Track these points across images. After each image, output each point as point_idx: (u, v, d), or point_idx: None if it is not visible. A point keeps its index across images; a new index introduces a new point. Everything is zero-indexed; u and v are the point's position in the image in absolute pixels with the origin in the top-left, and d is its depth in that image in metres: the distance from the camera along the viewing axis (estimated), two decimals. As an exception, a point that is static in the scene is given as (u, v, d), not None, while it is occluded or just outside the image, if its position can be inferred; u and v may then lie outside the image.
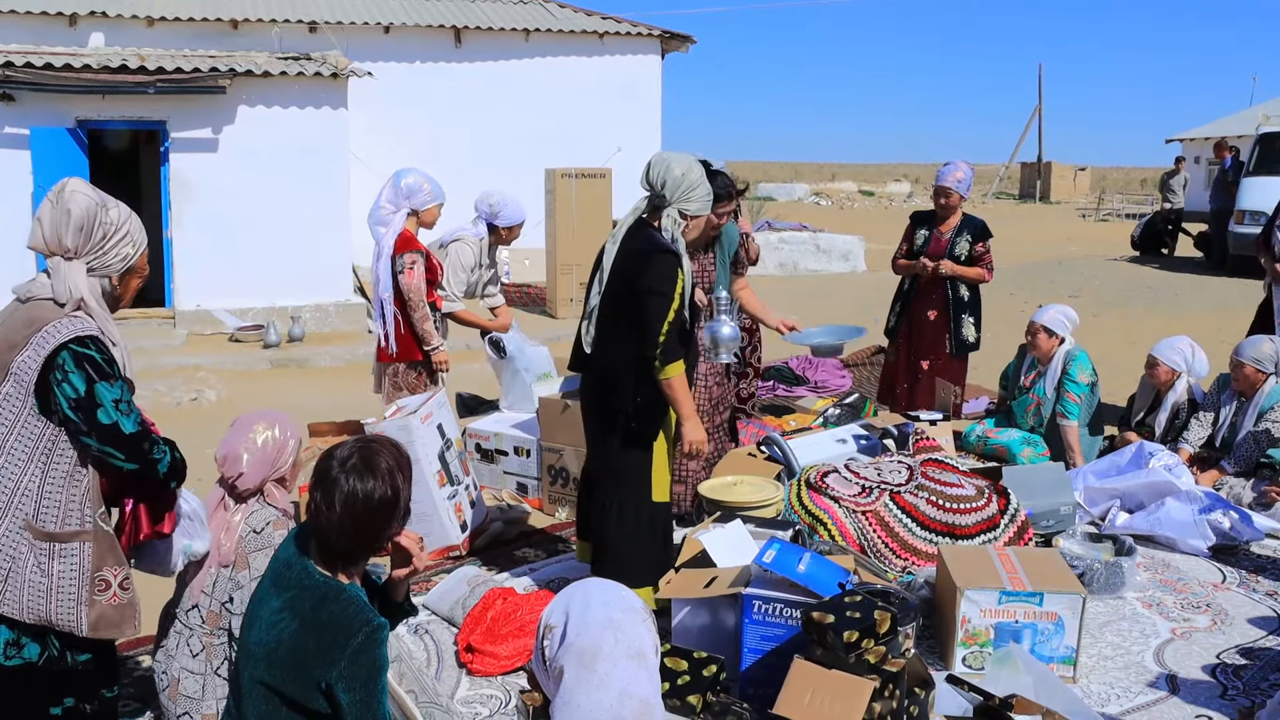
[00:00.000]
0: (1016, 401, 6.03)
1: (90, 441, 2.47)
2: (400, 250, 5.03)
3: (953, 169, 6.21)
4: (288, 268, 10.97)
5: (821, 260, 17.18)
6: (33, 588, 2.49)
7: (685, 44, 14.93)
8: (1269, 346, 5.46)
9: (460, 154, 13.30)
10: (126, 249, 2.59)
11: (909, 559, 4.24)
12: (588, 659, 2.08)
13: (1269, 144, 15.21)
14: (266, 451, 3.02)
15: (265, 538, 2.90)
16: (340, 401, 7.49)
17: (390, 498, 2.34)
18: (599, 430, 3.93)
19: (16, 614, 2.49)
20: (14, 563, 2.48)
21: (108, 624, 2.56)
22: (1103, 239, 22.66)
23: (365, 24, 13.14)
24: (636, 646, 2.13)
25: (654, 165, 3.78)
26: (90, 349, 2.47)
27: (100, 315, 2.54)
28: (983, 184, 42.23)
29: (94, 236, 2.52)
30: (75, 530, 2.52)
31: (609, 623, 2.13)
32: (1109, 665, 3.71)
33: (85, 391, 2.44)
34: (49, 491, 2.50)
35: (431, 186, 5.16)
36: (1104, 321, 11.47)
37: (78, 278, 2.50)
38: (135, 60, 10.72)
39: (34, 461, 2.48)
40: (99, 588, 2.54)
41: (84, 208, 2.51)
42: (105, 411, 2.45)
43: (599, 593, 2.21)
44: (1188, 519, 4.75)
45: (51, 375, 2.45)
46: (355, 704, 2.25)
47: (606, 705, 2.05)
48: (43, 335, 2.45)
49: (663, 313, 3.64)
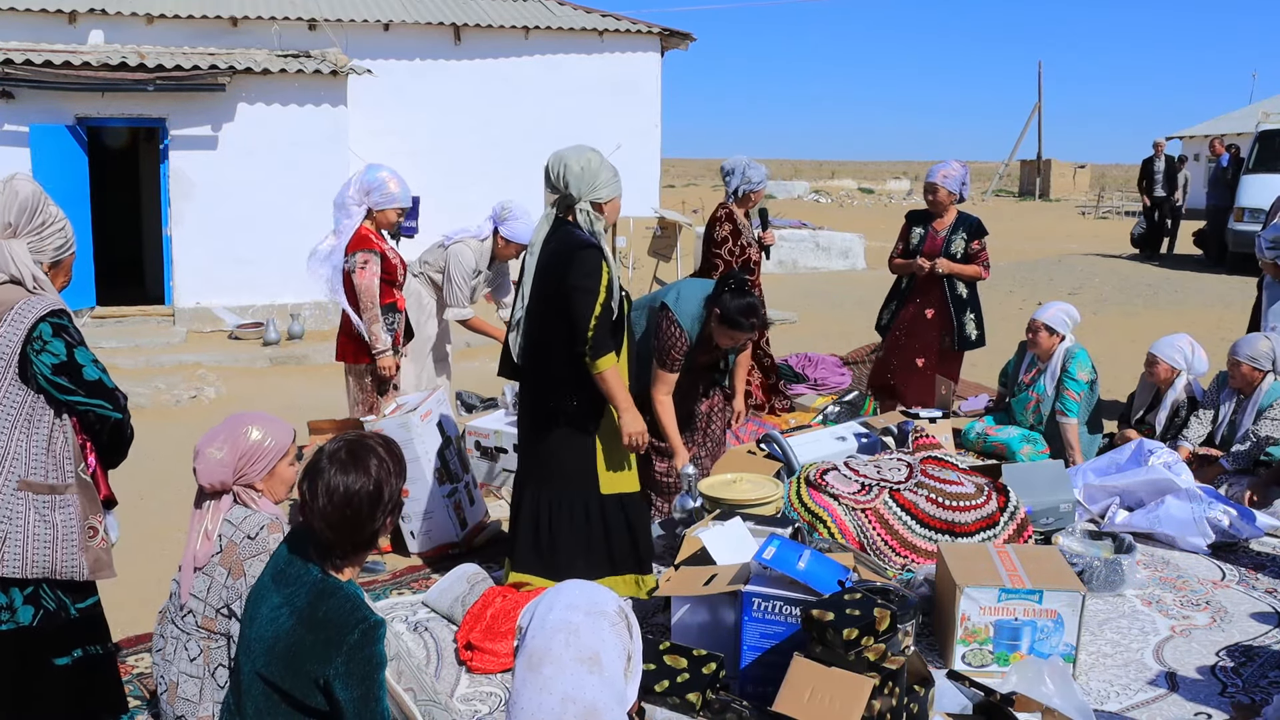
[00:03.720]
0: (1016, 398, 6.03)
1: (78, 399, 2.75)
2: (353, 249, 4.92)
3: (942, 166, 6.22)
4: (287, 265, 10.92)
5: (821, 258, 17.18)
6: (37, 541, 2.73)
7: (685, 41, 14.90)
8: (1265, 344, 5.46)
9: (460, 151, 13.29)
10: (59, 240, 2.85)
11: (909, 556, 4.24)
12: (535, 660, 2.07)
13: (1269, 141, 15.21)
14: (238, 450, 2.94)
15: (260, 543, 2.87)
16: (340, 399, 7.45)
17: (373, 492, 2.35)
18: (537, 434, 3.98)
19: (18, 572, 2.71)
20: (10, 523, 2.71)
21: (100, 566, 2.84)
22: (1102, 236, 22.66)
23: (365, 21, 13.12)
24: (590, 651, 2.09)
25: (552, 166, 3.82)
26: (63, 319, 2.74)
27: (53, 290, 2.80)
28: (982, 181, 42.20)
29: (35, 220, 2.79)
30: (68, 483, 2.78)
31: (565, 625, 2.10)
32: (1108, 663, 3.71)
33: (67, 357, 2.73)
34: (35, 452, 2.74)
35: (398, 189, 5.02)
36: (1103, 319, 11.47)
37: (24, 255, 2.75)
38: (135, 58, 10.71)
39: (17, 427, 2.72)
40: (89, 534, 2.82)
41: (30, 192, 2.79)
42: (88, 369, 2.76)
43: (567, 595, 2.19)
44: (1187, 516, 4.75)
45: (29, 347, 2.70)
46: (353, 700, 2.25)
47: (549, 708, 2.03)
48: (17, 311, 2.69)
49: (589, 307, 3.71)
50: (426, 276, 5.69)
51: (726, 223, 6.33)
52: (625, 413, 3.84)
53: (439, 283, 5.65)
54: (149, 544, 4.91)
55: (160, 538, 4.99)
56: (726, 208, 6.39)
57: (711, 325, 4.57)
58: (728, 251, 6.29)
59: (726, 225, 6.32)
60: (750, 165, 6.35)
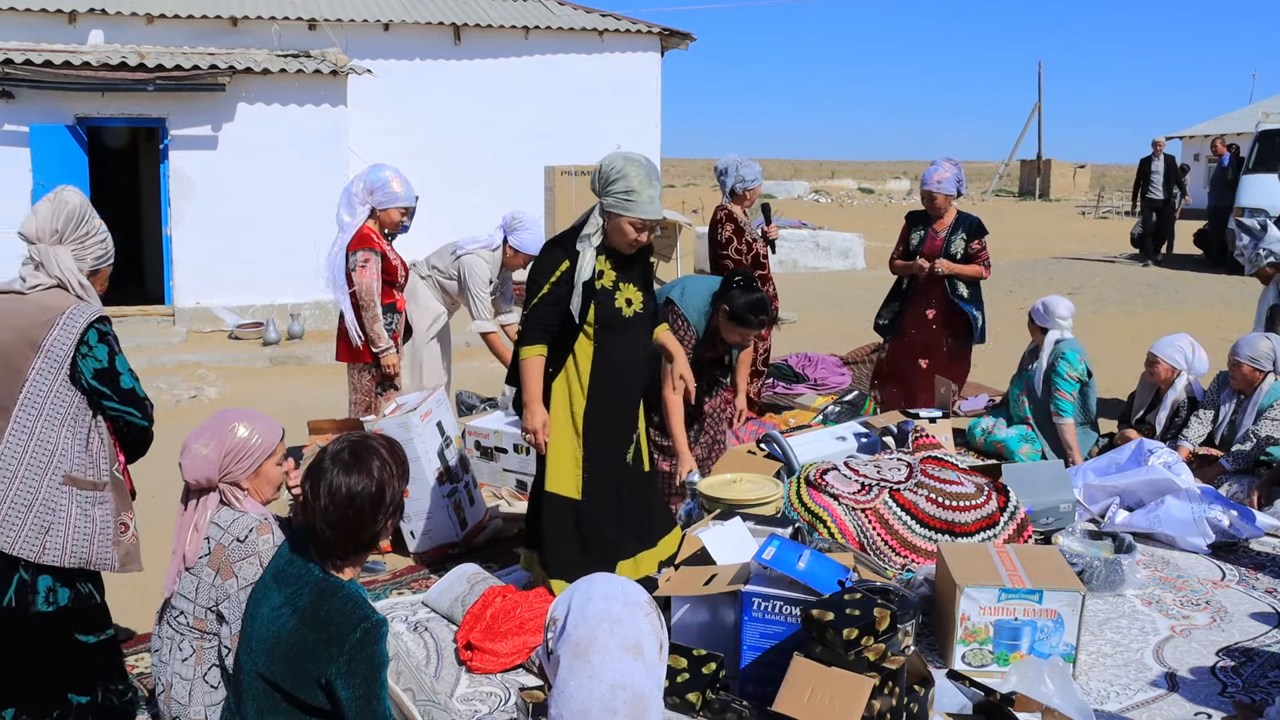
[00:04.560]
0: (1011, 388, 6.06)
1: (112, 404, 2.95)
2: (355, 247, 4.93)
3: (935, 170, 6.21)
4: (287, 265, 10.97)
5: (821, 258, 17.18)
6: (77, 533, 2.92)
7: (685, 41, 14.90)
8: (1266, 345, 5.46)
9: (460, 152, 13.28)
10: (100, 250, 3.04)
11: (909, 556, 4.24)
12: (582, 649, 2.10)
13: (1269, 141, 15.21)
14: (223, 447, 2.93)
15: (250, 545, 2.86)
16: (340, 399, 7.46)
17: (375, 493, 2.35)
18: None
19: (58, 561, 2.90)
20: (54, 515, 2.90)
21: (129, 560, 3.04)
22: (1102, 236, 22.66)
23: (364, 21, 13.11)
24: (633, 639, 2.14)
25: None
26: (107, 327, 2.94)
27: (96, 298, 2.99)
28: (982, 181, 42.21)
29: (80, 229, 2.98)
30: (105, 481, 2.98)
31: (607, 615, 2.14)
32: (1108, 663, 3.71)
33: (108, 363, 2.93)
34: (78, 449, 2.93)
35: (401, 188, 5.02)
36: (1103, 319, 11.47)
37: (70, 261, 2.94)
38: (135, 57, 10.71)
39: (65, 425, 2.91)
40: (120, 530, 3.02)
41: (77, 203, 2.99)
42: (125, 378, 2.96)
43: (602, 586, 2.23)
44: (1187, 516, 4.75)
45: (79, 350, 2.89)
46: (355, 700, 2.25)
47: (599, 695, 2.07)
48: (69, 316, 2.89)
49: (530, 297, 3.82)
50: (434, 280, 5.70)
51: (728, 223, 6.33)
52: (527, 406, 3.84)
53: (446, 287, 5.67)
54: (152, 543, 4.90)
55: (165, 536, 4.98)
56: (725, 208, 6.39)
57: (720, 321, 4.57)
58: (735, 250, 6.27)
59: (729, 225, 6.32)
60: (743, 163, 6.35)
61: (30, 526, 2.88)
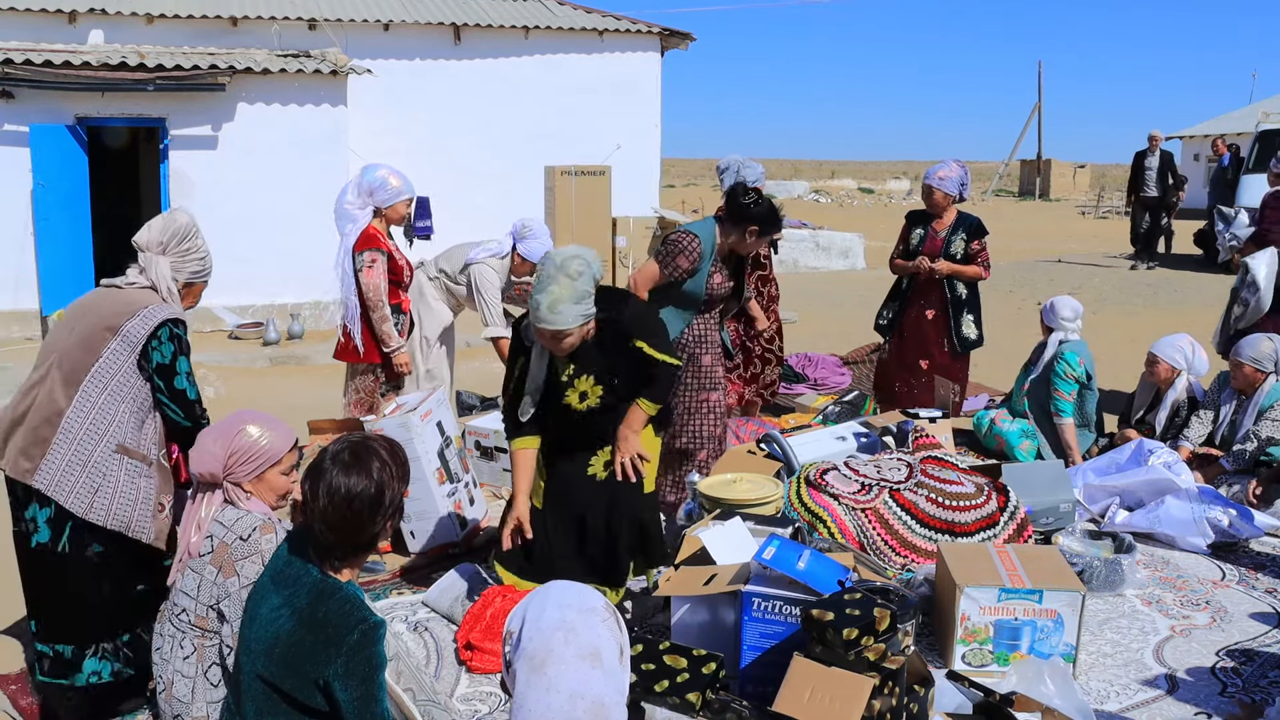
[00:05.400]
0: (1019, 377, 6.10)
1: (162, 398, 3.26)
2: (361, 248, 4.94)
3: (940, 167, 6.20)
4: (287, 265, 10.97)
5: (821, 257, 17.18)
6: (123, 498, 3.21)
7: (685, 41, 14.89)
8: (1268, 345, 5.46)
9: (460, 152, 13.28)
10: (197, 266, 3.43)
11: (908, 556, 4.24)
12: (538, 662, 2.06)
13: (1269, 141, 15.21)
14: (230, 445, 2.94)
15: (252, 544, 2.86)
16: (340, 399, 7.48)
17: (374, 495, 2.35)
18: None
19: (102, 521, 3.17)
20: (104, 478, 3.18)
21: (161, 536, 3.29)
22: (1102, 236, 22.66)
23: (364, 21, 13.11)
24: (591, 647, 2.10)
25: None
26: (180, 329, 3.27)
27: (180, 305, 3.35)
28: (982, 181, 42.19)
29: (182, 245, 3.37)
30: (153, 460, 3.28)
31: (561, 624, 2.10)
32: (1108, 663, 3.71)
33: (171, 360, 3.24)
34: (133, 426, 3.23)
35: (400, 182, 5.03)
36: (1103, 319, 11.47)
37: (166, 270, 3.32)
38: (135, 57, 10.71)
39: (125, 402, 3.21)
40: (158, 509, 3.29)
41: (185, 223, 3.41)
42: (179, 379, 3.26)
43: (557, 595, 2.20)
44: (1187, 516, 4.75)
45: (152, 341, 3.20)
46: (353, 701, 2.25)
47: (557, 707, 2.03)
48: (149, 310, 3.22)
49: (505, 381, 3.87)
50: (441, 282, 5.72)
51: None
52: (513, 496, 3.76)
53: (454, 290, 5.69)
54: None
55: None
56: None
57: (731, 237, 4.73)
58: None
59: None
60: (745, 164, 6.34)
61: (81, 485, 3.16)
